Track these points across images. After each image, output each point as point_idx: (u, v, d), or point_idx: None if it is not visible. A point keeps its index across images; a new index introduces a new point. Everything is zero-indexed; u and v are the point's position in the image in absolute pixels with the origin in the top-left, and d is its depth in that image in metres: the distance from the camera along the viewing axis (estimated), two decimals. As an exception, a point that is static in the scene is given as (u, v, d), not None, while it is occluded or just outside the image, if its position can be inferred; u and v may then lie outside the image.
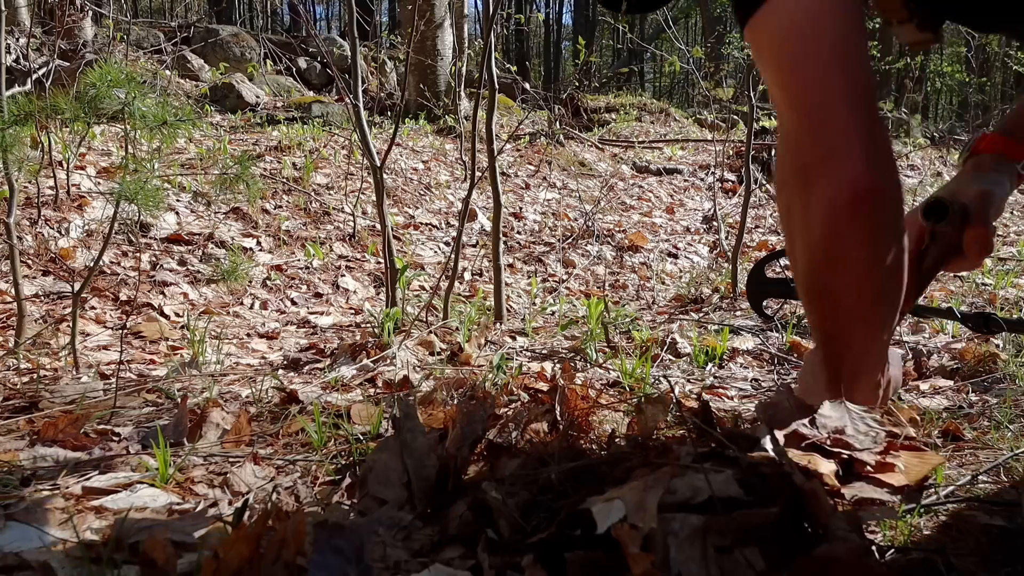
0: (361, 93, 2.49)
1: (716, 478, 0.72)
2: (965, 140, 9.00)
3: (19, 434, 1.34)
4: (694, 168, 6.81)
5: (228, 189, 2.10)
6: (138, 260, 3.07)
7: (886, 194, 0.92)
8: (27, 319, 2.08)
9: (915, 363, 1.88)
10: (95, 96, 1.73)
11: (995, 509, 0.90)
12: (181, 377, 1.86)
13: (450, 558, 0.74)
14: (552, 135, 6.62)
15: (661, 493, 0.69)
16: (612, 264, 4.42)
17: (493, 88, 2.51)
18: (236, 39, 8.05)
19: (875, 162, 0.90)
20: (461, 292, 3.50)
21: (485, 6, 2.58)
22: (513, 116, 7.67)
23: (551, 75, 22.55)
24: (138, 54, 6.88)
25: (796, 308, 2.89)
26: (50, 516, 0.94)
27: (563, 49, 26.77)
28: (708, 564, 0.64)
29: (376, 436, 1.29)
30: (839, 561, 0.64)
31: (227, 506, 1.01)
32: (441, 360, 2.00)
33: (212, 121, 5.83)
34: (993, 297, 2.98)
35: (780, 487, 0.73)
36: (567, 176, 6.02)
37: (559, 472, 0.82)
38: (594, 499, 0.71)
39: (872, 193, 0.90)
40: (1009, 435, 1.24)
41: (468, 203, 2.57)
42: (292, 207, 4.08)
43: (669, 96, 20.92)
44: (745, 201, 3.41)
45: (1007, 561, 0.77)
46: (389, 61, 8.61)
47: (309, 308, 3.14)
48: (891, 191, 0.94)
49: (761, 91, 3.69)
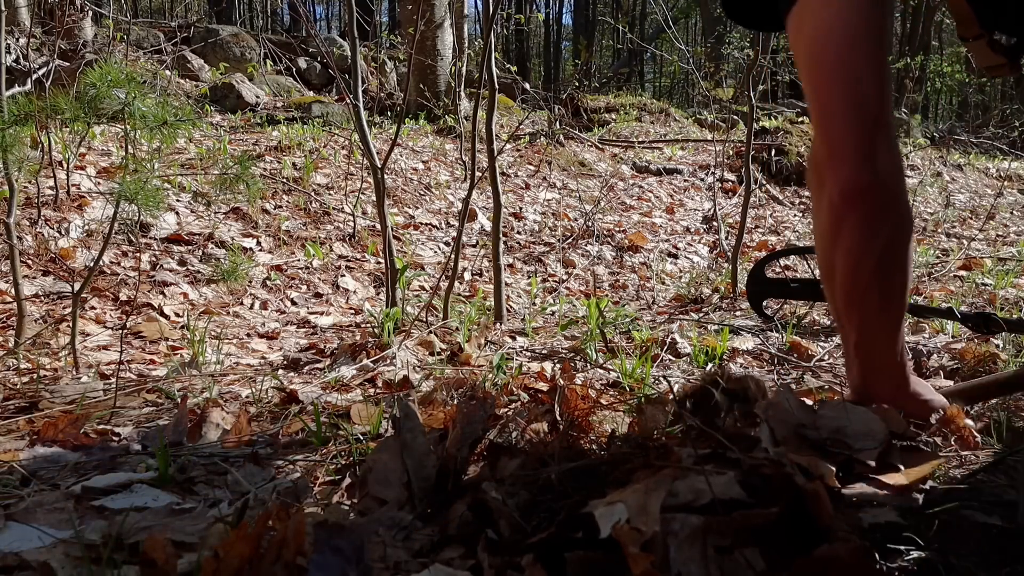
0: (361, 93, 2.49)
1: (718, 480, 0.72)
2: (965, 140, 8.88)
3: (19, 434, 1.34)
4: (694, 168, 6.81)
5: (228, 189, 2.11)
6: (138, 260, 3.07)
7: (880, 195, 1.02)
8: (27, 319, 2.08)
9: (915, 363, 1.88)
10: (95, 96, 1.73)
11: (995, 509, 0.90)
12: (181, 377, 1.86)
13: (450, 558, 0.74)
14: (552, 135, 6.62)
15: (663, 496, 0.69)
16: (612, 264, 4.42)
17: (493, 88, 2.51)
18: (236, 39, 8.05)
19: (872, 166, 1.00)
20: (461, 292, 3.50)
21: (485, 6, 2.58)
22: (513, 116, 7.67)
23: (551, 75, 22.55)
24: (138, 54, 6.88)
25: (796, 308, 2.90)
26: (50, 516, 0.94)
27: (563, 49, 26.77)
28: (708, 564, 0.64)
29: (376, 436, 1.29)
30: (839, 561, 0.64)
31: (227, 506, 1.01)
32: (441, 360, 2.00)
33: (212, 121, 5.83)
34: (993, 297, 2.98)
35: (781, 488, 0.73)
36: (567, 176, 6.02)
37: (559, 473, 0.82)
38: (596, 502, 0.71)
39: (866, 194, 1.01)
40: (1009, 435, 1.24)
41: (468, 203, 2.57)
42: (292, 207, 4.08)
43: (669, 96, 20.92)
44: (745, 201, 3.41)
45: (1007, 561, 0.77)
46: (389, 61, 8.61)
47: (309, 308, 3.14)
48: (887, 192, 1.02)
49: (761, 91, 3.69)
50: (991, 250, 4.66)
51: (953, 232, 5.77)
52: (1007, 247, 4.82)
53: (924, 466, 0.90)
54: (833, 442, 0.90)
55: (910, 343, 2.12)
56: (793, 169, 6.73)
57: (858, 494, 0.84)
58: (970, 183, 8.21)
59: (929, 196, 7.18)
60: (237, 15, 17.11)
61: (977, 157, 9.45)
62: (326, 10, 26.48)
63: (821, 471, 0.82)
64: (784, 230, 5.54)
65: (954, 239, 5.42)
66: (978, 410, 1.44)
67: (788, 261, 4.32)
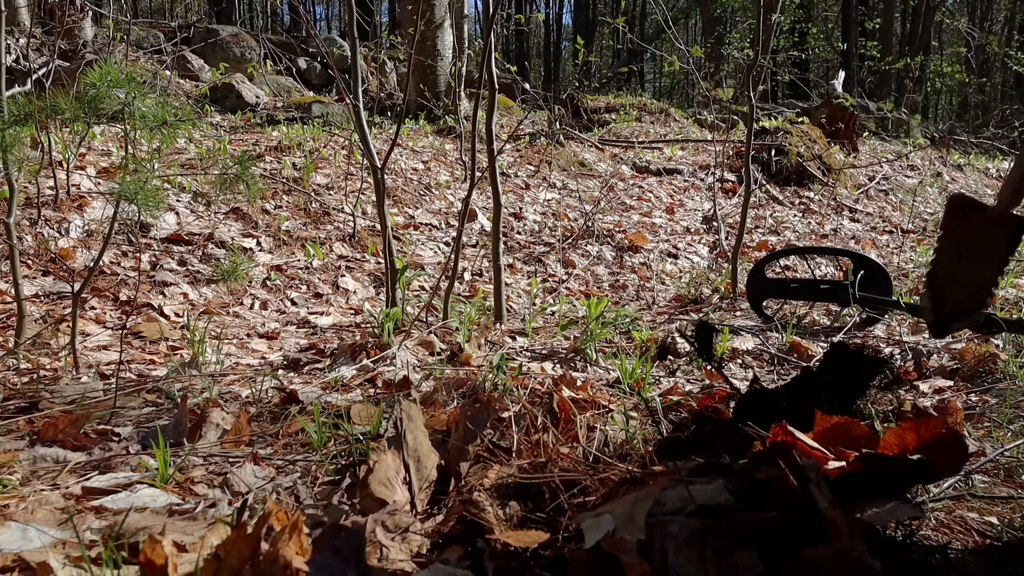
0: (361, 93, 2.49)
1: (706, 487, 0.72)
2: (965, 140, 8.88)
3: (19, 434, 1.34)
4: (694, 168, 6.81)
5: (228, 189, 2.10)
6: (138, 260, 3.07)
7: None
8: (27, 319, 2.08)
9: (915, 363, 1.88)
10: (95, 96, 1.73)
11: (994, 509, 0.90)
12: (181, 377, 1.86)
13: (450, 558, 0.74)
14: (552, 135, 6.62)
15: (650, 505, 0.69)
16: (612, 264, 4.42)
17: (493, 88, 2.51)
18: (236, 39, 8.05)
19: None
20: (461, 292, 3.50)
21: (485, 6, 2.58)
22: (513, 116, 7.67)
23: (551, 75, 22.54)
24: (138, 54, 6.87)
25: (796, 308, 2.90)
26: (50, 516, 0.94)
27: (563, 49, 26.76)
28: (707, 567, 0.64)
29: (376, 436, 1.29)
30: (823, 564, 0.64)
31: (227, 506, 1.01)
32: (441, 360, 2.00)
33: (212, 121, 5.83)
34: (993, 297, 2.98)
35: (778, 493, 0.73)
36: (567, 176, 6.02)
37: (553, 480, 0.82)
38: (584, 515, 0.71)
39: None
40: (1009, 435, 1.24)
41: (468, 203, 2.57)
42: (292, 207, 4.08)
43: (669, 96, 20.92)
44: (745, 201, 3.41)
45: (1007, 561, 0.77)
46: (389, 61, 8.61)
47: (309, 308, 3.14)
48: None
49: (761, 91, 3.69)
50: (991, 250, 4.65)
51: (953, 232, 5.76)
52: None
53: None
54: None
55: (910, 343, 2.12)
56: (793, 169, 6.72)
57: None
58: (970, 183, 8.21)
59: (929, 196, 7.18)
60: (237, 15, 17.10)
61: (977, 157, 9.45)
62: (326, 10, 26.48)
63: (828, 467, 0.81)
64: (784, 230, 5.54)
65: (954, 239, 5.40)
66: (978, 409, 1.44)
67: (788, 261, 4.32)
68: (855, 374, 1.07)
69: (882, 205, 6.74)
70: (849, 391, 1.07)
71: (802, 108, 8.95)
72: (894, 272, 3.81)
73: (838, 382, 1.06)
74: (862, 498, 0.83)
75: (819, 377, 1.07)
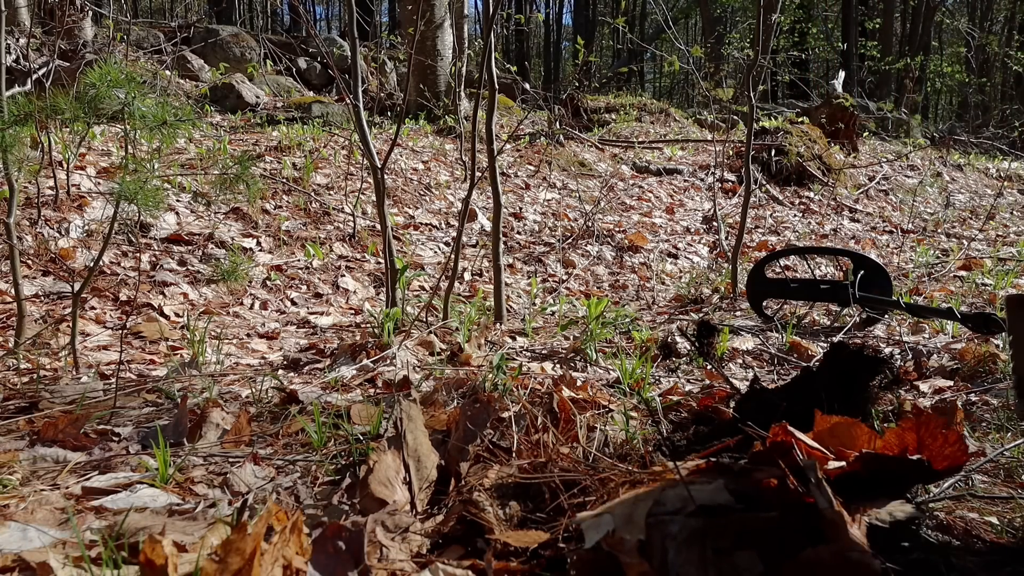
0: (361, 93, 2.49)
1: (706, 487, 0.72)
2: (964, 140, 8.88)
3: (19, 434, 1.34)
4: (694, 168, 6.81)
5: (228, 189, 2.10)
6: (138, 260, 3.07)
7: None
8: (27, 319, 2.08)
9: (915, 363, 1.88)
10: (95, 96, 1.73)
11: (994, 509, 0.90)
12: (181, 377, 1.86)
13: (450, 558, 0.74)
14: (552, 135, 6.62)
15: (650, 505, 0.69)
16: (612, 264, 4.42)
17: (493, 88, 2.51)
18: (236, 39, 8.05)
19: None
20: (461, 292, 3.50)
21: (485, 6, 2.58)
22: (513, 116, 7.67)
23: (551, 75, 22.54)
24: (138, 54, 6.87)
25: (796, 308, 2.90)
26: (50, 516, 0.94)
27: (563, 49, 26.76)
28: (707, 567, 0.64)
29: (376, 436, 1.29)
30: (823, 564, 0.64)
31: (227, 506, 1.01)
32: (441, 360, 2.00)
33: (212, 121, 5.83)
34: (993, 297, 2.98)
35: (778, 493, 0.72)
36: (567, 176, 6.02)
37: (553, 480, 0.82)
38: (584, 514, 0.71)
39: None
40: (1009, 435, 1.24)
41: (468, 203, 2.57)
42: (292, 207, 4.08)
43: (669, 96, 20.92)
44: (745, 201, 3.41)
45: (1007, 561, 0.77)
46: (389, 61, 8.61)
47: (309, 308, 3.14)
48: None
49: (761, 91, 3.69)
50: (991, 250, 4.66)
51: (953, 232, 5.77)
52: (1007, 247, 4.81)
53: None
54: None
55: (910, 343, 2.12)
56: (793, 169, 6.72)
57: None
58: (970, 183, 8.21)
59: (929, 196, 7.18)
60: (237, 15, 17.09)
61: (977, 157, 9.45)
62: (326, 10, 26.48)
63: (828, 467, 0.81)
64: (784, 230, 5.54)
65: (954, 239, 5.42)
66: (978, 409, 1.44)
67: (788, 261, 4.32)
68: (855, 374, 1.07)
69: (882, 205, 6.74)
70: (849, 391, 1.08)
71: (802, 108, 8.95)
72: (894, 272, 3.81)
73: (838, 382, 1.06)
74: (862, 498, 0.83)
75: (819, 377, 1.07)
